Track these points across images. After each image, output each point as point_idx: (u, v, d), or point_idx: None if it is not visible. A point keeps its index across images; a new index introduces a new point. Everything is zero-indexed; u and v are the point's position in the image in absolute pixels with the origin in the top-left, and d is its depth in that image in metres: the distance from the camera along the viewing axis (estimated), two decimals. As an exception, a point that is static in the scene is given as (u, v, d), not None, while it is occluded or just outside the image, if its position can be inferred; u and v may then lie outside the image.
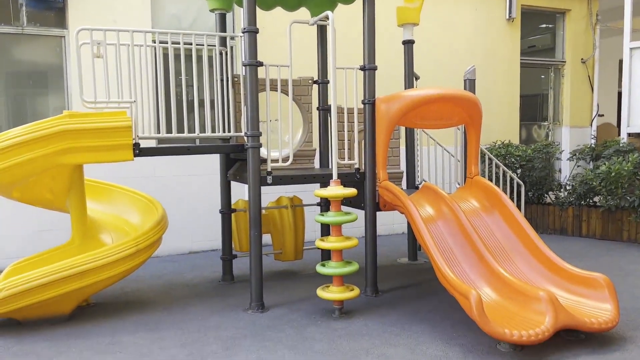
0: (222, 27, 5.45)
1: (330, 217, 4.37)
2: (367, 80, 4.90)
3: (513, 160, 8.03)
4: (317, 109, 5.93)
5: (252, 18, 4.43)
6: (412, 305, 4.70)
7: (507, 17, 9.08)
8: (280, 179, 4.75)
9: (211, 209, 6.98)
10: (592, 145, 8.67)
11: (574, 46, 9.83)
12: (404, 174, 6.04)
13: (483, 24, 8.96)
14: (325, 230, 6.06)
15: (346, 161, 5.04)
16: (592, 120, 10.02)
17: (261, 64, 4.54)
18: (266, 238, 5.92)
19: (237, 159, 5.52)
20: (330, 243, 4.39)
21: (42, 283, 4.09)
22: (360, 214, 4.82)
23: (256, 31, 4.46)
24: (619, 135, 8.91)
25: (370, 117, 4.91)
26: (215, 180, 7.05)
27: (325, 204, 6.03)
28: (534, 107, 10.06)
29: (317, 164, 6.01)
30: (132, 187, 5.45)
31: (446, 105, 4.81)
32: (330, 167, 5.90)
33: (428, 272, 5.93)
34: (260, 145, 4.57)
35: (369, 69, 4.88)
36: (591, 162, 8.44)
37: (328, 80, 5.92)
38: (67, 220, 6.19)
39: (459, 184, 6.09)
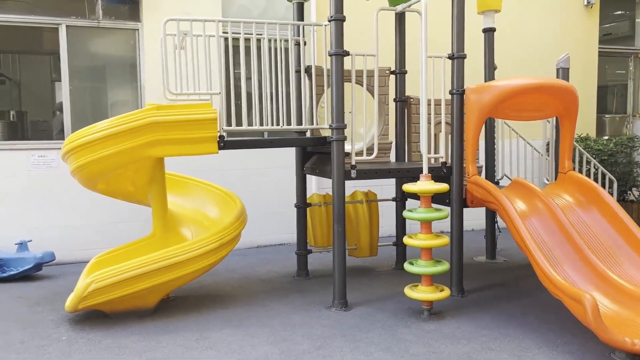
0: (300, 17, 5.31)
1: (420, 214, 4.17)
2: (455, 69, 4.66)
3: (592, 155, 7.59)
4: (394, 100, 5.72)
5: (339, 5, 4.26)
6: (503, 308, 4.46)
7: (585, 2, 8.58)
8: (365, 173, 4.58)
9: (279, 203, 6.91)
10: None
11: (655, 33, 9.22)
12: (483, 169, 5.77)
13: (559, 10, 8.49)
14: (400, 226, 5.86)
15: (431, 154, 4.82)
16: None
17: (347, 54, 4.37)
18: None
19: (314, 152, 5.38)
20: (420, 240, 4.19)
21: (132, 276, 4.07)
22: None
23: (343, 19, 4.30)
24: None
25: (458, 108, 4.67)
26: (283, 174, 6.98)
27: (401, 199, 5.83)
28: (608, 99, 9.51)
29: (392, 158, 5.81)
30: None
31: (541, 95, 4.52)
32: (406, 160, 5.70)
33: (511, 272, 5.66)
34: (345, 138, 4.41)
35: (457, 57, 4.63)
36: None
37: (406, 71, 5.70)
38: (138, 212, 6.26)
39: (547, 180, 5.77)
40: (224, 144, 4.34)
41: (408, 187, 4.21)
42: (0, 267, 5.51)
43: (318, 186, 7.16)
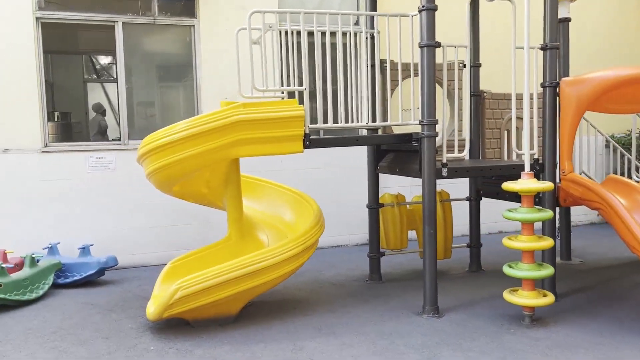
0: (373, 6, 5.07)
1: (523, 214, 3.91)
2: (547, 60, 4.39)
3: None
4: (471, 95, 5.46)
5: (431, -6, 4.02)
6: (606, 313, 4.19)
7: (644, -8, 8.26)
8: (456, 172, 4.34)
9: (335, 203, 6.68)
10: None
11: None
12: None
13: (613, 3, 8.19)
14: (475, 226, 5.61)
15: (520, 151, 4.56)
16: None
17: (439, 45, 4.14)
18: (411, 234, 5.55)
19: (388, 151, 5.14)
20: (522, 243, 3.94)
21: (218, 282, 3.86)
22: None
23: (435, 8, 4.06)
24: None
25: (551, 101, 4.40)
26: (339, 173, 6.76)
27: (475, 199, 5.58)
28: None
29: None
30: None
31: (643, 86, 4.25)
32: (480, 157, 5.45)
33: (594, 274, 5.39)
34: (437, 134, 4.17)
35: (551, 48, 4.37)
36: None
37: (480, 64, 5.45)
38: (196, 214, 6.08)
39: (638, 177, 5.48)
40: (310, 143, 4.11)
41: (509, 185, 3.96)
42: (63, 272, 5.34)
43: (375, 185, 6.92)
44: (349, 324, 4.11)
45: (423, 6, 4.03)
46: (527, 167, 4.01)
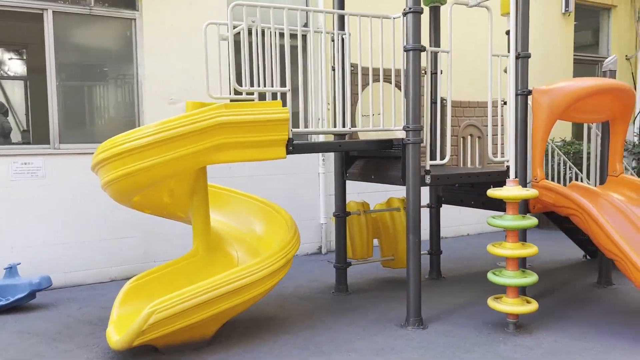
0: (341, 6, 4.89)
1: (509, 221, 3.91)
2: (519, 69, 4.47)
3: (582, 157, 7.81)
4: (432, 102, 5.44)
5: (417, -3, 3.92)
6: (577, 316, 4.31)
7: (563, 10, 8.86)
8: (437, 179, 4.26)
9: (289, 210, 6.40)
10: (638, 143, 8.65)
11: (618, 43, 9.73)
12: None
13: (538, 16, 8.69)
14: (435, 233, 5.60)
15: (498, 158, 4.61)
16: (635, 119, 9.95)
17: (424, 49, 4.05)
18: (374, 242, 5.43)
19: (357, 157, 4.98)
20: (507, 250, 3.94)
21: (197, 302, 3.44)
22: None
23: (421, 11, 3.97)
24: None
25: (522, 109, 4.48)
26: (292, 180, 6.51)
27: (436, 206, 5.58)
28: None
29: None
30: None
31: (606, 97, 4.47)
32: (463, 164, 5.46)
33: (548, 276, 5.57)
34: (422, 141, 4.07)
35: (522, 56, 4.45)
36: (634, 161, 8.48)
37: (441, 71, 5.46)
38: (137, 226, 5.55)
39: (588, 184, 5.76)
40: (293, 148, 3.83)
41: (494, 192, 3.95)
42: (-16, 297, 4.58)
43: (326, 192, 6.75)
44: (335, 340, 3.87)
45: (410, 8, 3.93)
46: (512, 174, 4.02)
